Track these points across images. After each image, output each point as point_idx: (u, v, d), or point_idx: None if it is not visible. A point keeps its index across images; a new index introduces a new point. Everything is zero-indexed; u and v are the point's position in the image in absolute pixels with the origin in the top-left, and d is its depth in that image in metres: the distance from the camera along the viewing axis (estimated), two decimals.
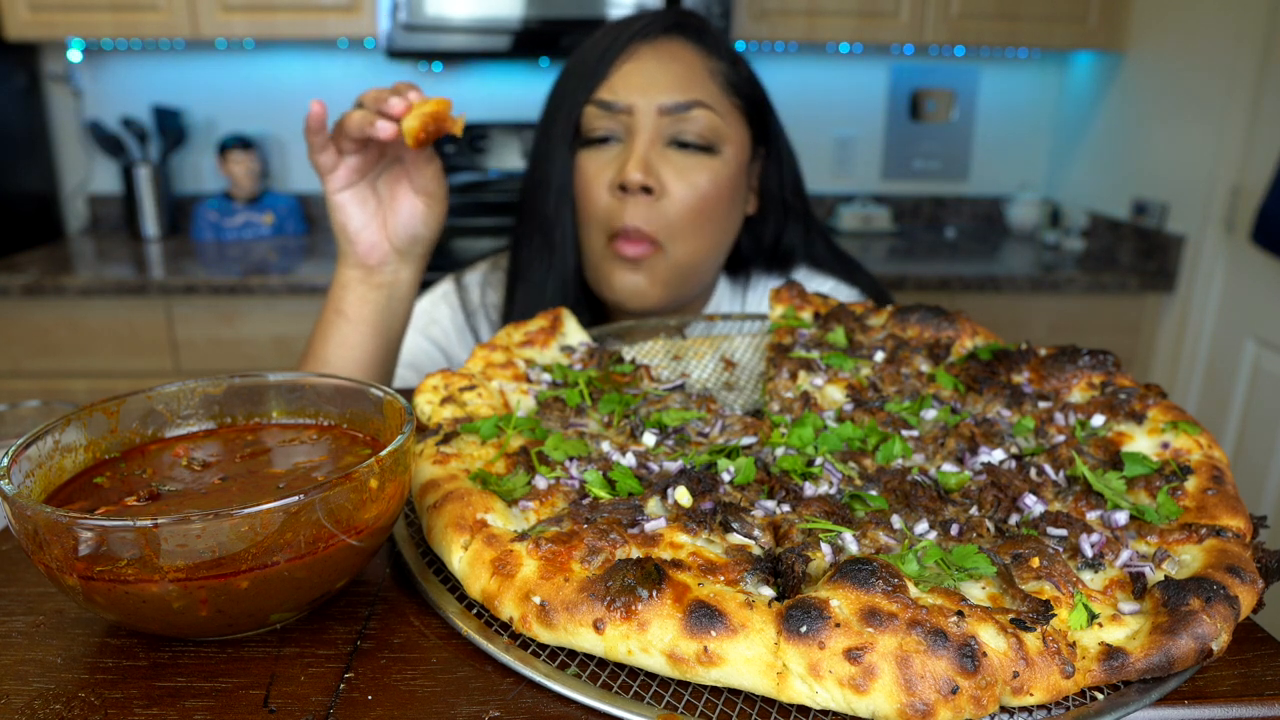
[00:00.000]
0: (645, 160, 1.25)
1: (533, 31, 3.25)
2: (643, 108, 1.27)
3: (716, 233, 1.34)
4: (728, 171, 1.31)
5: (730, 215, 1.36)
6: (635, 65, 1.28)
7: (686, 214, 1.28)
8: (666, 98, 1.27)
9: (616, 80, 1.28)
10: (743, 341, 1.11)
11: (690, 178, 1.27)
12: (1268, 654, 0.62)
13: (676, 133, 1.27)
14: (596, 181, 1.29)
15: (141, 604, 0.56)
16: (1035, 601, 0.58)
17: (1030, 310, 3.27)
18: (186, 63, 3.69)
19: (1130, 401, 0.85)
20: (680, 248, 1.30)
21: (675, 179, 1.27)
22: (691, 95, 1.27)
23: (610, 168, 1.28)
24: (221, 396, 0.78)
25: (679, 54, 1.30)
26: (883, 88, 3.93)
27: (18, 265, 3.10)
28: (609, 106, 1.28)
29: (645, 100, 1.27)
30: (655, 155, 1.27)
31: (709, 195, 1.29)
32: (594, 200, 1.29)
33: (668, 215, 1.28)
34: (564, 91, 1.33)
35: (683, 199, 1.27)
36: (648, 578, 0.57)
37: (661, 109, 1.26)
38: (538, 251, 1.36)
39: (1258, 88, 2.86)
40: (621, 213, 1.27)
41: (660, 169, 1.27)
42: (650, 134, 1.27)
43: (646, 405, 0.88)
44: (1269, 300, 2.83)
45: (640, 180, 1.24)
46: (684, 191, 1.27)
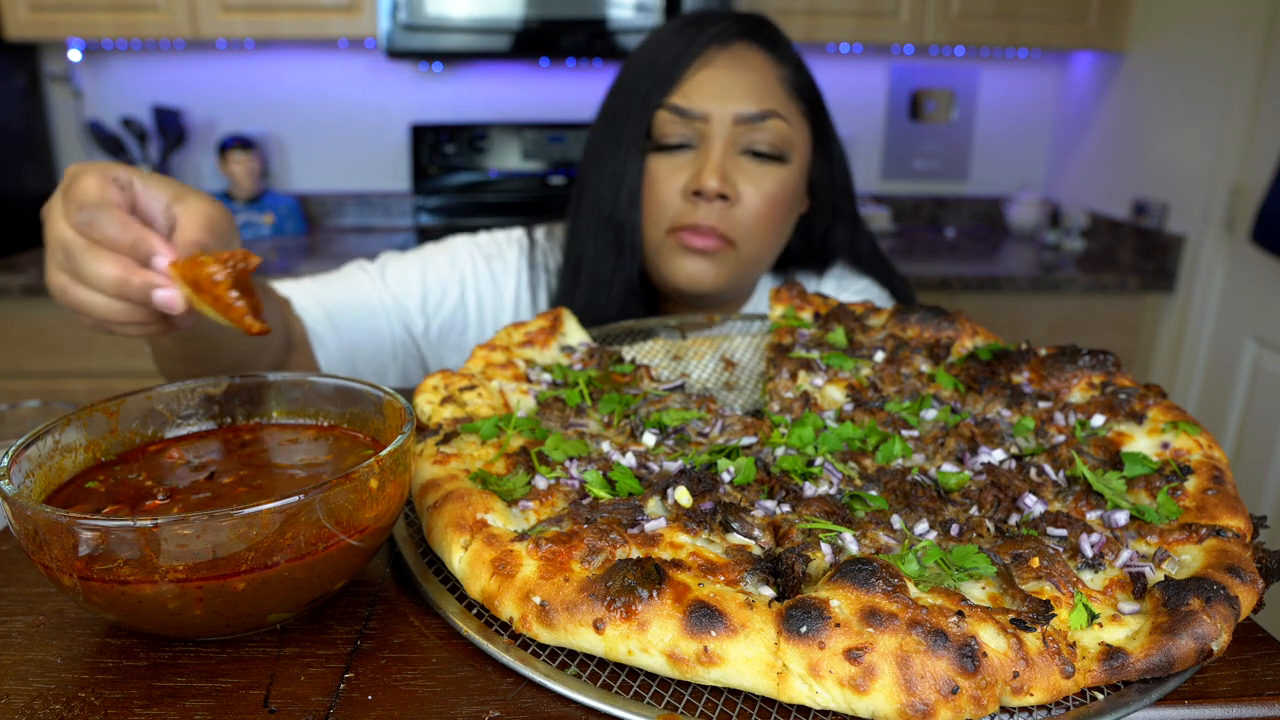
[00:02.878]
0: (722, 168, 1.27)
1: (533, 31, 3.25)
2: (718, 116, 1.28)
3: (781, 234, 1.39)
4: (795, 178, 1.35)
5: (792, 216, 1.40)
6: (711, 72, 1.29)
7: (758, 219, 1.31)
8: (742, 108, 1.28)
9: (691, 86, 1.29)
10: (743, 341, 1.11)
11: (763, 186, 1.30)
12: (1268, 654, 0.62)
13: (750, 142, 1.30)
14: (667, 185, 1.31)
15: (139, 604, 0.56)
16: (1035, 601, 0.58)
17: (1030, 310, 3.27)
18: (186, 63, 3.69)
19: (1130, 401, 0.85)
20: (750, 248, 1.34)
21: (748, 186, 1.30)
22: (766, 105, 1.29)
23: (683, 173, 1.30)
24: (221, 396, 0.78)
25: (753, 62, 1.31)
26: (883, 88, 3.93)
27: (18, 265, 3.10)
28: (684, 113, 1.29)
29: (721, 109, 1.28)
30: (730, 163, 1.29)
31: (779, 201, 1.32)
32: (663, 202, 1.32)
33: (741, 220, 1.31)
34: (634, 91, 1.33)
35: (755, 206, 1.30)
36: (648, 578, 0.57)
37: (738, 119, 1.28)
38: (605, 250, 1.37)
39: (1258, 88, 2.86)
40: (692, 213, 1.30)
41: (735, 177, 1.29)
42: (725, 143, 1.29)
43: (646, 405, 0.88)
44: (1269, 300, 2.83)
45: (717, 188, 1.26)
46: (757, 199, 1.30)
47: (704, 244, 1.31)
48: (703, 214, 1.29)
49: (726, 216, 1.30)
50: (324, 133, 3.83)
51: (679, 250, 1.33)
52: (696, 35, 1.30)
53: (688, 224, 1.30)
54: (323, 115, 3.80)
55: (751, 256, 1.35)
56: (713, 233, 1.30)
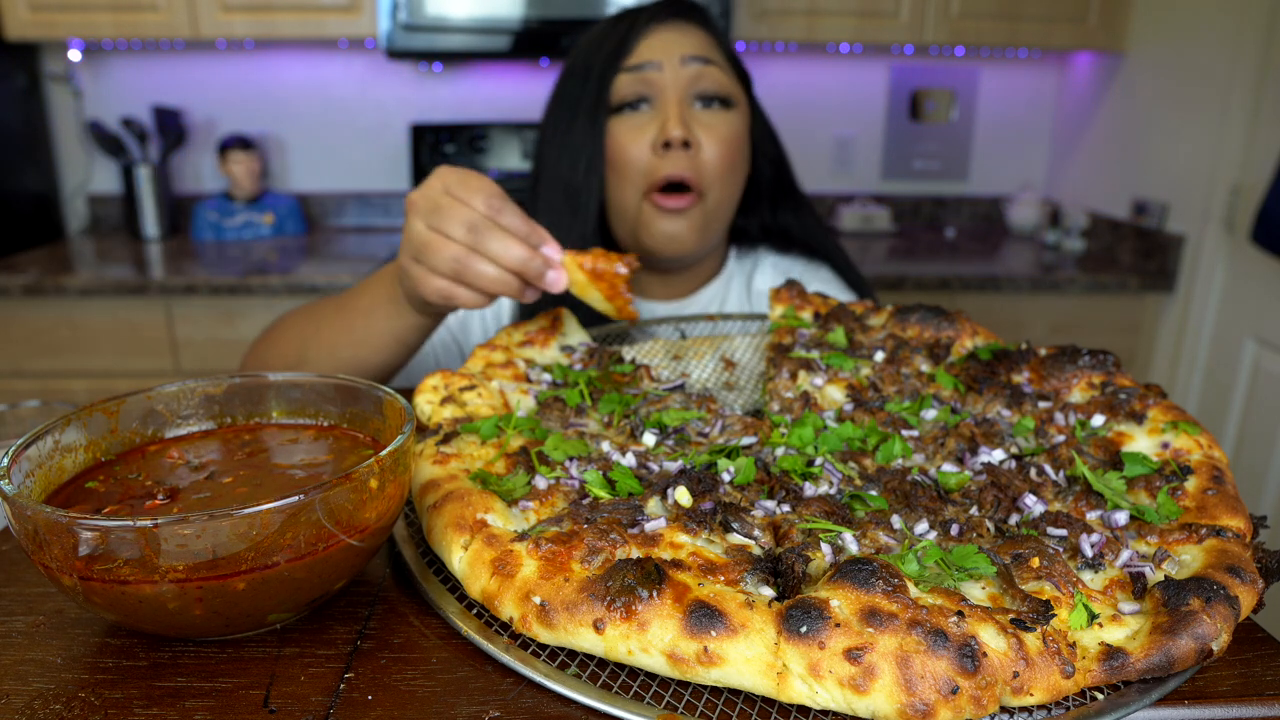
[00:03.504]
0: (682, 117, 1.38)
1: (533, 31, 3.25)
2: (668, 62, 1.40)
3: (738, 180, 1.49)
4: (742, 124, 1.47)
5: (744, 165, 1.50)
6: (655, 37, 1.43)
7: (720, 163, 1.42)
8: (686, 50, 1.41)
9: (641, 49, 1.42)
10: (743, 341, 1.11)
11: (718, 131, 1.42)
12: (1268, 654, 0.62)
13: (699, 89, 1.41)
14: (634, 143, 1.40)
15: (138, 604, 0.56)
16: (1035, 601, 0.58)
17: (1030, 310, 3.26)
18: (186, 63, 3.69)
19: (1130, 401, 0.85)
20: (714, 195, 1.44)
21: (706, 133, 1.41)
22: (707, 53, 1.43)
23: (647, 129, 1.40)
24: (221, 396, 0.78)
25: (688, 29, 1.46)
26: (883, 88, 3.93)
27: (18, 265, 3.10)
28: (640, 68, 1.41)
29: (668, 55, 1.41)
30: (687, 113, 1.40)
31: (733, 144, 1.44)
32: (632, 159, 1.41)
33: (705, 166, 1.41)
34: (586, 70, 1.45)
35: (715, 149, 1.41)
36: (648, 578, 0.57)
37: (683, 59, 1.40)
38: (559, 215, 1.46)
39: (1258, 88, 2.86)
40: (663, 166, 1.39)
41: (694, 126, 1.40)
42: (679, 89, 1.40)
43: (646, 405, 0.88)
44: (1269, 300, 2.83)
45: (682, 135, 1.36)
46: (715, 143, 1.41)
47: (678, 204, 1.40)
48: (672, 164, 1.38)
49: (694, 164, 1.39)
50: (324, 133, 3.83)
51: (656, 214, 1.42)
52: (637, 17, 1.44)
53: (660, 178, 1.39)
54: (323, 115, 3.80)
55: (716, 204, 1.45)
56: (684, 187, 1.40)
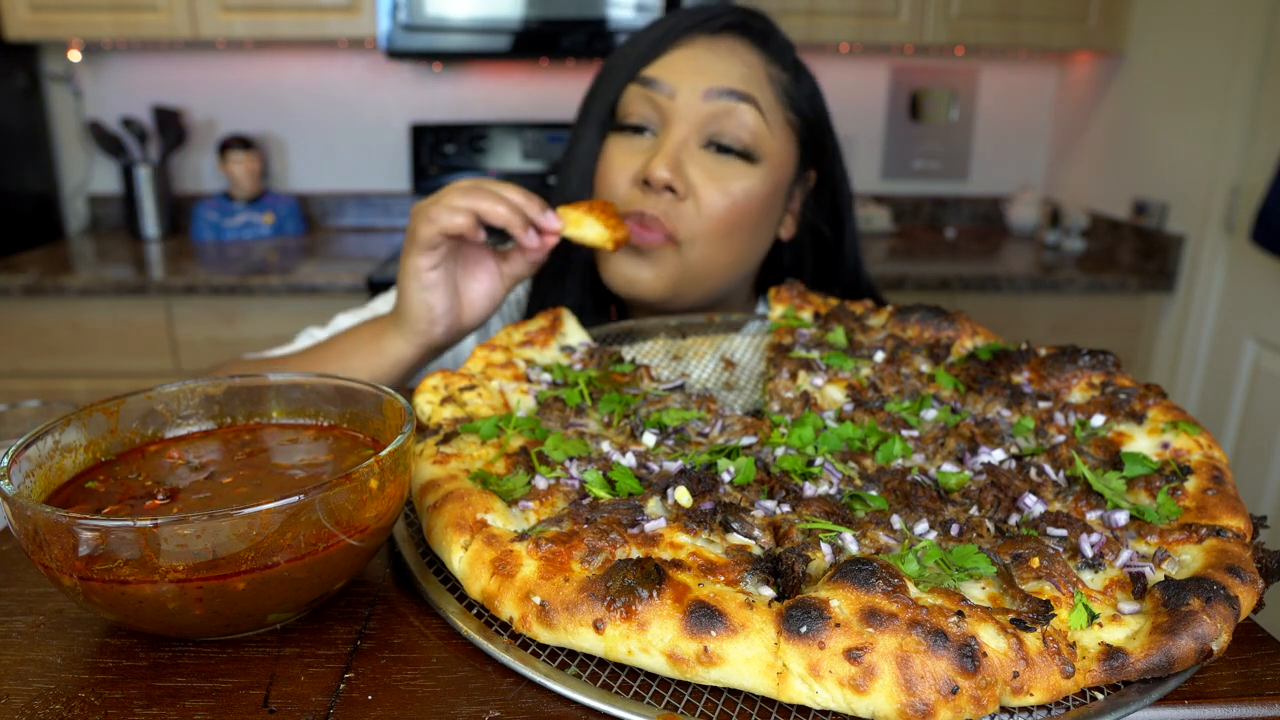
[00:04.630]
0: (674, 158, 1.16)
1: (533, 31, 3.25)
2: (685, 94, 1.17)
3: (741, 248, 1.23)
4: (765, 186, 1.20)
5: (759, 232, 1.25)
6: (688, 51, 1.19)
7: (713, 221, 1.18)
8: (713, 83, 1.17)
9: (665, 62, 1.19)
10: (743, 341, 1.11)
11: (723, 184, 1.18)
12: (1268, 654, 0.62)
13: (715, 132, 1.18)
14: (620, 170, 1.21)
15: (139, 604, 0.56)
16: (1035, 601, 0.58)
17: (1030, 310, 3.27)
18: (186, 63, 3.69)
19: (1130, 401, 0.85)
20: (698, 251, 1.20)
21: (706, 182, 1.17)
22: (741, 88, 1.17)
23: (637, 158, 1.20)
24: (221, 396, 0.78)
25: (738, 50, 1.21)
26: (883, 88, 3.93)
27: (18, 265, 3.10)
28: (651, 84, 1.18)
29: (690, 85, 1.17)
30: (687, 155, 1.18)
31: (740, 206, 1.18)
32: (612, 187, 1.21)
33: (689, 217, 1.18)
34: (608, 71, 1.26)
35: (712, 205, 1.17)
36: (648, 578, 0.57)
37: (707, 94, 1.16)
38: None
39: (1258, 88, 2.86)
40: (640, 201, 1.18)
41: (689, 170, 1.17)
42: (688, 128, 1.17)
43: (646, 405, 0.88)
44: (1269, 300, 2.83)
45: (665, 179, 1.15)
46: (714, 197, 1.17)
47: (642, 237, 1.17)
48: (650, 204, 1.17)
49: (674, 211, 1.17)
50: (324, 133, 3.83)
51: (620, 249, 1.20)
52: (683, 19, 1.21)
53: (633, 211, 1.17)
54: (323, 115, 3.80)
55: (701, 262, 1.20)
56: (657, 226, 1.17)
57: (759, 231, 1.24)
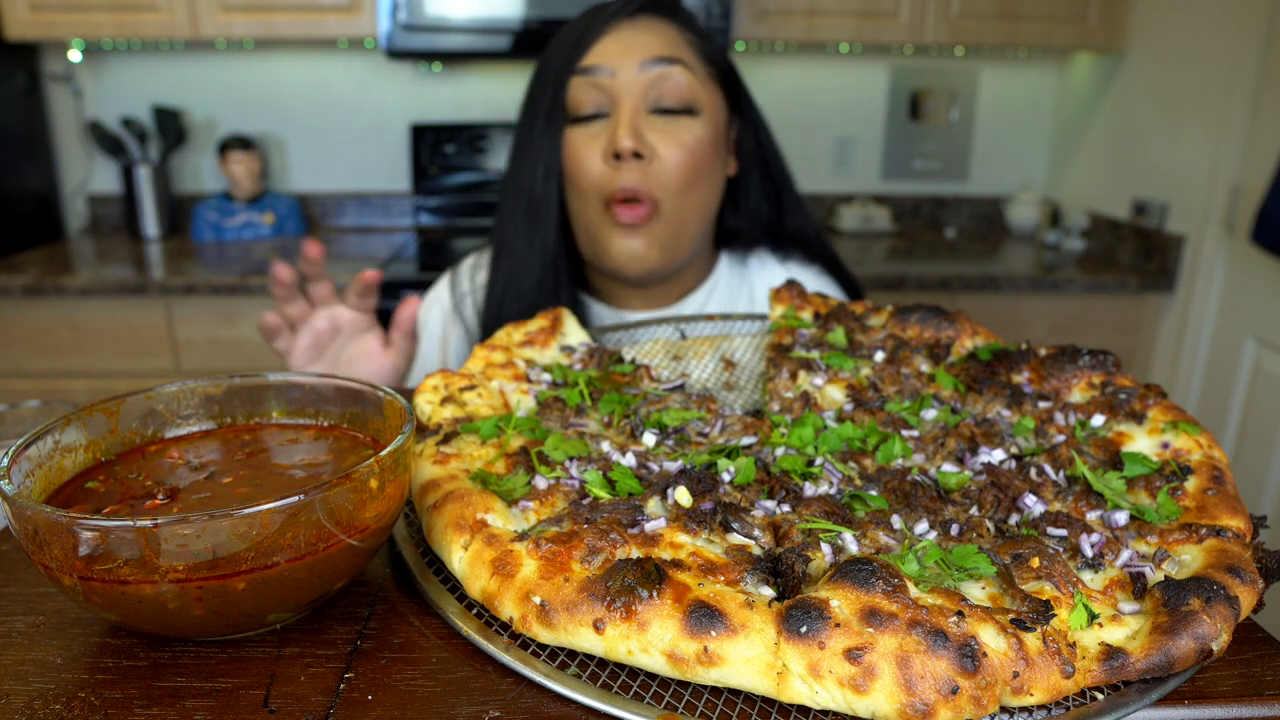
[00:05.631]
0: (633, 127, 1.31)
1: (533, 31, 3.24)
2: (623, 68, 1.33)
3: (704, 190, 1.40)
4: (709, 131, 1.38)
5: (714, 173, 1.42)
6: (614, 36, 1.36)
7: (678, 173, 1.34)
8: (645, 53, 1.33)
9: (597, 50, 1.35)
10: (743, 341, 1.11)
11: (677, 138, 1.34)
12: (1268, 654, 0.62)
13: (657, 97, 1.34)
14: (588, 153, 1.35)
15: (139, 604, 0.56)
16: (1035, 601, 0.58)
17: (1030, 310, 3.27)
18: (186, 63, 3.69)
19: (1130, 401, 0.85)
20: (674, 205, 1.36)
21: (663, 141, 1.33)
22: (671, 53, 1.35)
23: (600, 139, 1.34)
24: (221, 396, 0.78)
25: (655, 25, 1.38)
26: (883, 88, 3.93)
27: (18, 265, 3.10)
28: (592, 72, 1.34)
29: (625, 61, 1.33)
30: (641, 122, 1.33)
31: (696, 152, 1.35)
32: (586, 171, 1.35)
33: (660, 176, 1.34)
34: (546, 72, 1.40)
35: (673, 159, 1.33)
36: (648, 578, 0.57)
37: (642, 65, 1.33)
38: (521, 225, 1.43)
39: (1258, 88, 2.86)
40: (616, 178, 1.33)
41: (647, 134, 1.33)
42: (634, 100, 1.33)
43: (646, 405, 0.88)
44: (1269, 300, 2.83)
45: (631, 146, 1.30)
46: (673, 152, 1.33)
47: (632, 216, 1.33)
48: (625, 176, 1.32)
49: (646, 175, 1.33)
50: (324, 133, 3.83)
51: (614, 229, 1.36)
52: (599, 14, 1.38)
53: (613, 189, 1.33)
54: (323, 115, 3.80)
55: (677, 214, 1.37)
56: (637, 198, 1.33)
57: (713, 174, 1.42)
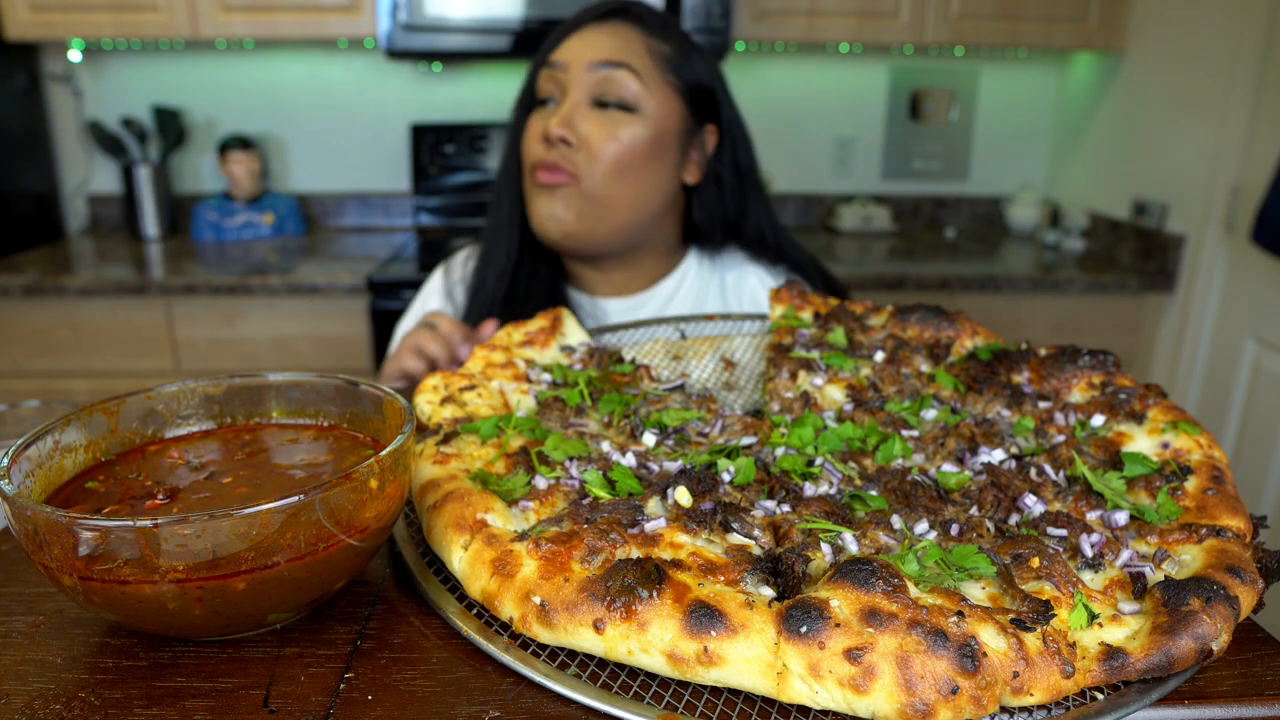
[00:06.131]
0: (567, 116, 1.43)
1: (533, 31, 3.24)
2: (575, 64, 1.45)
3: (636, 183, 1.48)
4: (648, 130, 1.46)
5: (652, 171, 1.49)
6: (581, 35, 1.48)
7: (604, 160, 1.44)
8: (596, 56, 1.45)
9: (564, 47, 1.48)
10: (743, 341, 1.11)
11: (610, 130, 1.44)
12: (1268, 654, 0.62)
13: (600, 93, 1.44)
14: (533, 134, 1.48)
15: (138, 604, 0.56)
16: (1035, 601, 0.58)
17: (1030, 310, 3.26)
18: (186, 63, 3.69)
19: (1130, 401, 0.85)
20: (595, 184, 1.45)
21: (595, 131, 1.44)
22: (619, 58, 1.45)
23: (544, 123, 1.46)
24: (221, 396, 0.78)
25: (619, 29, 1.49)
26: (883, 88, 3.93)
27: (18, 265, 3.10)
28: (552, 65, 1.48)
29: (579, 59, 1.46)
30: (579, 114, 1.44)
31: (627, 146, 1.44)
32: (530, 149, 1.49)
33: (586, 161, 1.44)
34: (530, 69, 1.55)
35: (600, 148, 1.44)
36: (648, 578, 0.57)
37: (590, 65, 1.44)
38: (494, 204, 1.58)
39: (1258, 88, 2.86)
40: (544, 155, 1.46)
41: (580, 124, 1.44)
42: (579, 92, 1.45)
43: (646, 405, 0.88)
44: (1269, 300, 2.83)
45: (560, 133, 1.42)
46: (603, 142, 1.43)
47: (550, 178, 1.44)
48: (552, 155, 1.44)
49: (571, 157, 1.44)
50: (324, 133, 3.83)
51: (536, 190, 1.47)
52: (579, 16, 1.51)
53: (539, 159, 1.45)
54: (323, 115, 3.80)
55: (600, 192, 1.45)
56: (559, 169, 1.44)
57: (652, 170, 1.50)
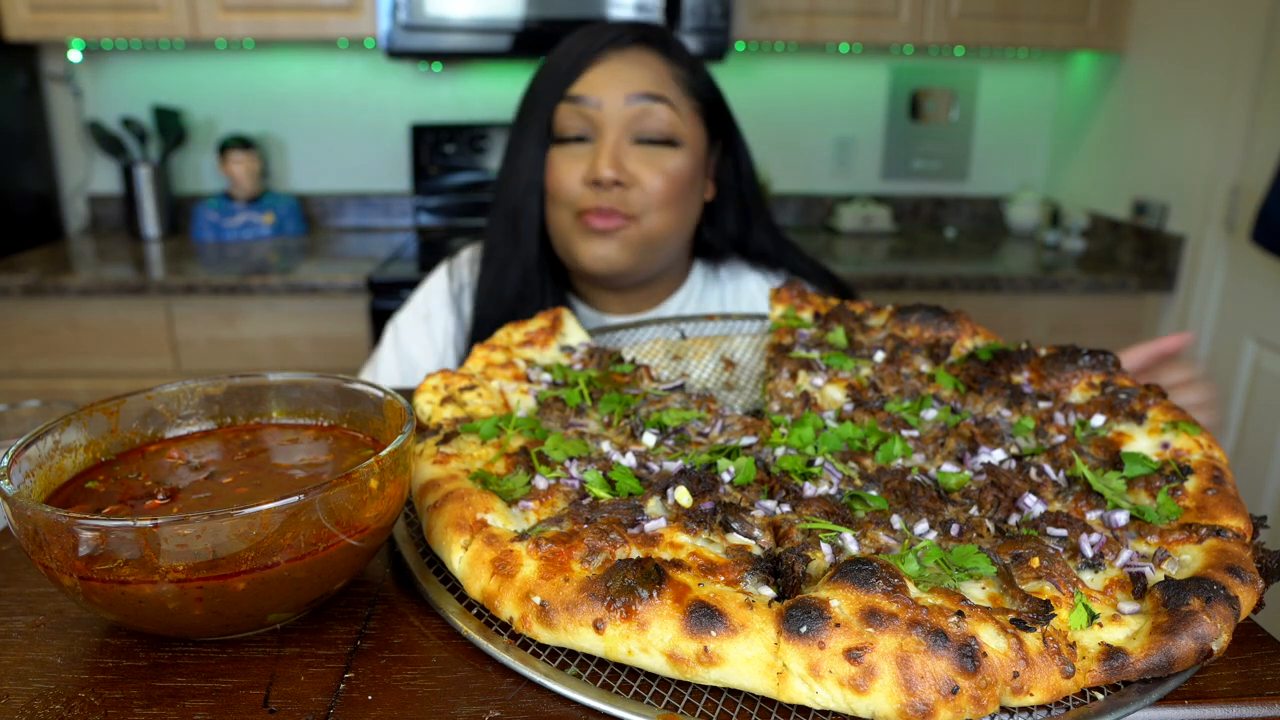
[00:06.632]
0: (615, 156, 1.37)
1: (533, 31, 3.24)
2: (609, 102, 1.39)
3: (682, 211, 1.47)
4: (690, 160, 1.44)
5: (692, 196, 1.49)
6: (605, 66, 1.41)
7: (656, 197, 1.40)
8: (631, 89, 1.39)
9: (587, 79, 1.40)
10: (743, 341, 1.11)
11: (658, 167, 1.40)
12: (1268, 654, 0.62)
13: (640, 130, 1.40)
14: (569, 175, 1.41)
15: (138, 604, 0.56)
16: (1035, 601, 0.58)
17: (1030, 310, 3.26)
18: (186, 63, 3.69)
19: (1130, 401, 0.85)
20: (651, 221, 1.42)
21: (644, 169, 1.39)
22: (655, 90, 1.40)
23: (582, 163, 1.40)
24: (221, 396, 0.78)
25: (645, 59, 1.43)
26: (883, 88, 3.93)
27: (18, 265, 3.10)
28: (580, 100, 1.39)
29: (612, 95, 1.39)
30: (622, 151, 1.39)
31: (675, 179, 1.42)
32: (566, 189, 1.41)
33: (640, 199, 1.40)
34: (538, 92, 1.45)
35: (653, 185, 1.40)
36: (648, 578, 0.57)
37: (628, 99, 1.39)
38: (505, 237, 1.49)
39: (1258, 88, 2.86)
40: (594, 199, 1.39)
41: (628, 163, 1.39)
42: (618, 130, 1.39)
43: (646, 405, 0.88)
44: (1269, 300, 2.83)
45: (612, 176, 1.36)
46: (653, 179, 1.39)
47: (605, 224, 1.39)
48: (604, 199, 1.38)
49: (625, 199, 1.39)
50: (324, 133, 3.83)
51: (586, 234, 1.41)
52: (595, 40, 1.43)
53: (590, 208, 1.39)
54: (323, 115, 3.80)
55: (655, 230, 1.43)
56: (615, 213, 1.39)
57: (692, 196, 1.49)
